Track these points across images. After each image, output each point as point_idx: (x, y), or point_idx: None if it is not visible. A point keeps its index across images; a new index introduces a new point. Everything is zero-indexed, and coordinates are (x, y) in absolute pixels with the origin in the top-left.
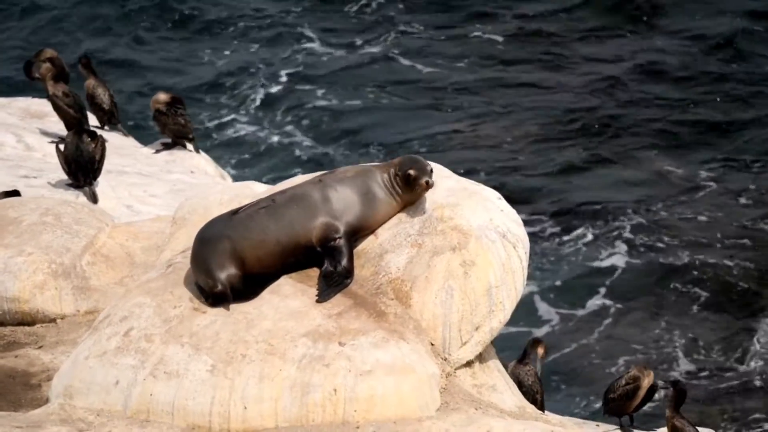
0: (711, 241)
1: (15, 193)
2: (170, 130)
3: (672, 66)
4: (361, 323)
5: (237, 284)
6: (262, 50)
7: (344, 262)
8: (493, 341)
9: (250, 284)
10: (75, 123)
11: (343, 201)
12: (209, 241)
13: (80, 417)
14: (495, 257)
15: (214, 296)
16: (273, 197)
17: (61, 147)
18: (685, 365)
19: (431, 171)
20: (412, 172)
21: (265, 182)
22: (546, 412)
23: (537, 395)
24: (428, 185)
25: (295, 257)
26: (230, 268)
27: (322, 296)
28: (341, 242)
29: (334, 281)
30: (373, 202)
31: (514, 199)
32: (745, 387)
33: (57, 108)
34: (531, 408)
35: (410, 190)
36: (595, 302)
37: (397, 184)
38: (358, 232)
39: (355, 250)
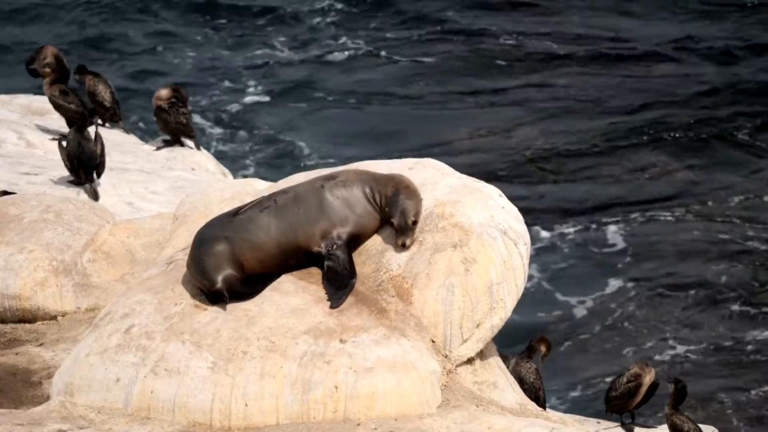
0: (716, 239)
1: (9, 194)
2: (171, 127)
3: (682, 61)
4: (362, 320)
5: (235, 285)
6: (266, 45)
7: (345, 264)
8: (494, 337)
9: (250, 284)
10: (78, 119)
11: (341, 209)
12: (207, 243)
13: (81, 414)
14: (496, 254)
15: (211, 295)
16: (274, 198)
17: (63, 143)
18: (687, 361)
19: (414, 223)
20: (394, 222)
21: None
22: (547, 409)
23: (539, 392)
24: (403, 246)
25: (295, 259)
26: (227, 270)
27: (334, 301)
28: (340, 247)
29: (341, 283)
30: (366, 214)
31: (515, 196)
32: (747, 383)
33: (58, 107)
34: (532, 405)
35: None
36: (596, 299)
37: (383, 210)
38: (355, 239)
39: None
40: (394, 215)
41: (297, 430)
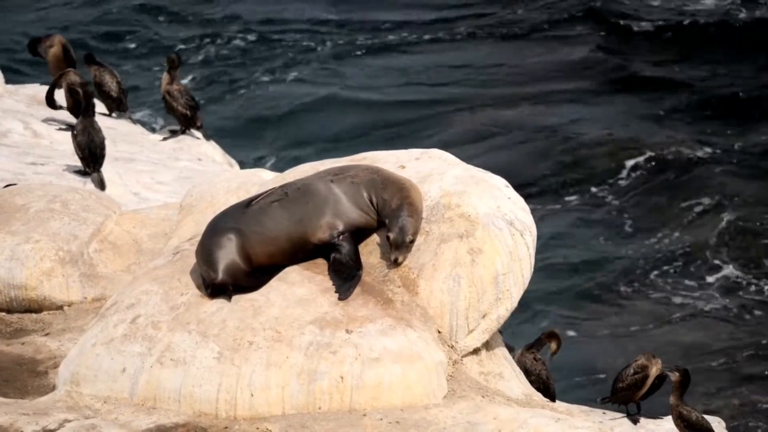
0: (718, 222)
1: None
2: (177, 115)
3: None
4: (368, 311)
5: (240, 279)
6: (275, 34)
7: (351, 256)
8: (501, 328)
9: (256, 275)
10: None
11: (347, 204)
12: (218, 234)
13: (87, 404)
14: (502, 245)
15: (213, 288)
16: (285, 190)
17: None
18: (691, 353)
19: (411, 242)
20: (391, 236)
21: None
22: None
23: (549, 382)
24: (395, 262)
25: (303, 252)
26: (234, 261)
27: (342, 293)
28: (346, 239)
29: (348, 274)
30: (369, 212)
31: (522, 187)
32: (755, 374)
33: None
34: (538, 396)
35: None
36: (603, 290)
37: (379, 214)
38: (360, 232)
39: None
40: (393, 230)
41: (303, 421)
